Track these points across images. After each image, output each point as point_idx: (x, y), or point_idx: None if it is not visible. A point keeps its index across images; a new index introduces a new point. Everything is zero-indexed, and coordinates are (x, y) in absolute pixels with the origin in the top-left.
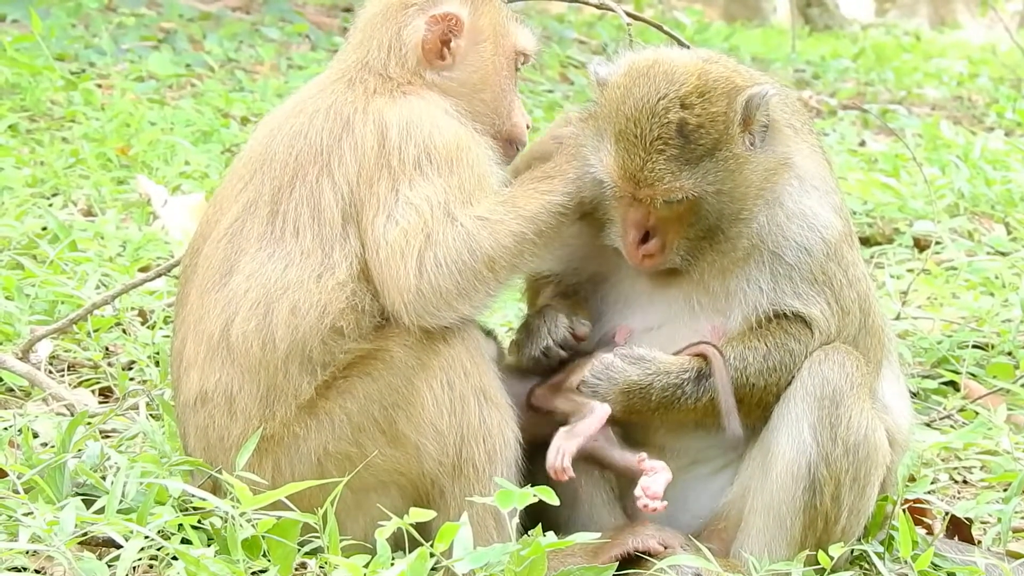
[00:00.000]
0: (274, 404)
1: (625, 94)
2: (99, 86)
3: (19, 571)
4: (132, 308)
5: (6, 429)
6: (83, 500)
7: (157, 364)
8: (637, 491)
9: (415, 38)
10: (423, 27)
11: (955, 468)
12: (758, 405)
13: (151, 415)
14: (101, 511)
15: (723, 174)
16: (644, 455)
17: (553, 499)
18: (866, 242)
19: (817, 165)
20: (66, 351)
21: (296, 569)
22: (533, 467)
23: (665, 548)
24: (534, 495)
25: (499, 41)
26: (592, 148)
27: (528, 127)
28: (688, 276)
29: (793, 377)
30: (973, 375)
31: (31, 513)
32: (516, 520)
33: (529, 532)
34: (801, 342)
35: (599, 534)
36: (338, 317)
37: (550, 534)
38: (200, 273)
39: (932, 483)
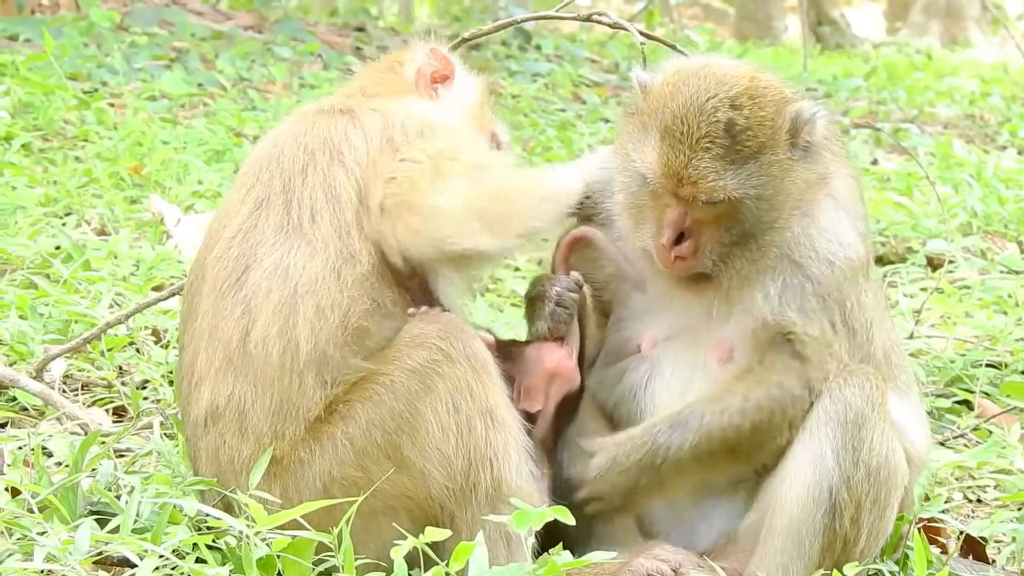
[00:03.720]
0: (285, 420)
1: (674, 92)
2: (112, 105)
3: None
4: (146, 327)
5: (20, 448)
6: (97, 519)
7: (171, 383)
8: None
9: (412, 63)
10: (422, 56)
11: (969, 487)
12: (758, 445)
13: (165, 434)
14: (116, 530)
15: (765, 179)
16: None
17: (569, 519)
18: (879, 261)
19: (850, 190)
20: (80, 370)
21: None
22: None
23: (678, 570)
24: (550, 515)
25: (481, 110)
26: (634, 144)
27: None
28: (711, 283)
29: (811, 405)
30: (987, 394)
31: (46, 532)
32: (532, 540)
33: (550, 551)
34: (791, 373)
35: (615, 553)
36: (362, 317)
37: (566, 553)
38: (211, 278)
39: (946, 502)
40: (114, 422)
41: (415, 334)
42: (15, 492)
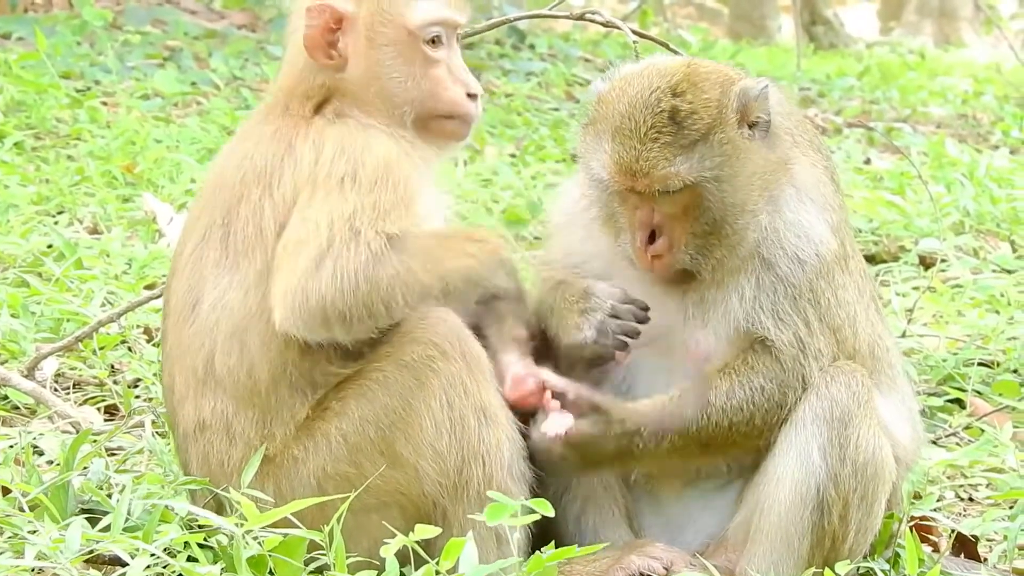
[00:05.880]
0: (272, 425)
1: (620, 94)
2: (104, 104)
3: None
4: (138, 326)
5: (12, 447)
6: (88, 518)
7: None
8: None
9: (302, 35)
10: (302, 23)
11: (961, 486)
12: (733, 443)
13: (157, 432)
14: (107, 529)
15: (719, 159)
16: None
17: (548, 510)
18: (872, 260)
19: (816, 179)
20: (72, 369)
21: None
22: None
23: (670, 568)
24: (526, 507)
25: (386, 25)
26: (592, 152)
27: (473, 95)
28: (688, 287)
29: (798, 401)
30: (979, 393)
31: (36, 531)
32: (517, 535)
33: (541, 549)
34: (771, 378)
35: (603, 546)
36: (308, 346)
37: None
38: (172, 306)
39: (938, 500)
40: (105, 420)
41: (409, 329)
42: (6, 491)
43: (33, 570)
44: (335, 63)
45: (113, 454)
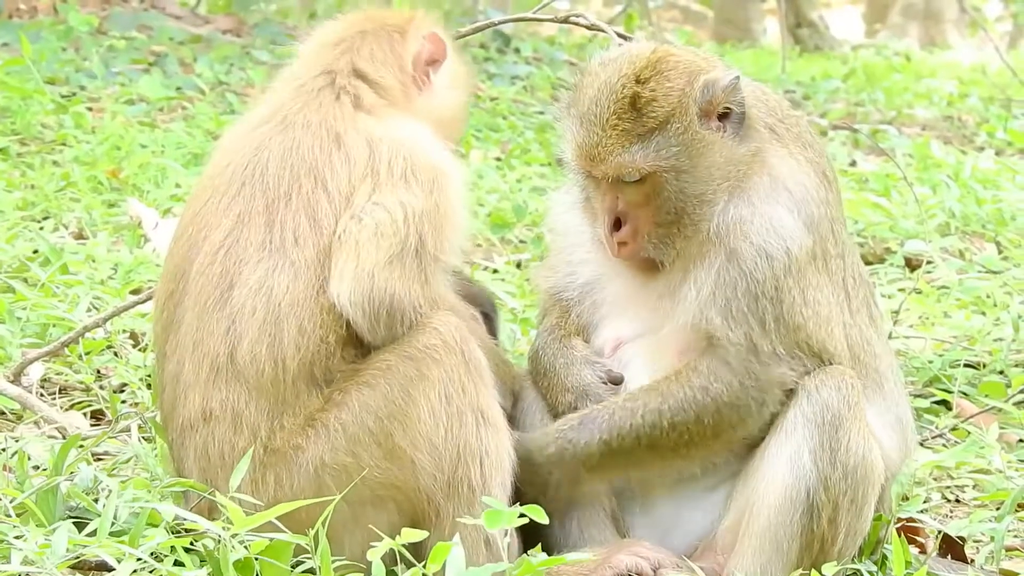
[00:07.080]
0: (283, 416)
1: (592, 80)
2: (90, 109)
3: None
4: (123, 331)
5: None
6: (75, 523)
7: (149, 387)
8: None
9: (412, 51)
10: (423, 40)
11: (947, 487)
12: (689, 444)
13: (143, 437)
14: (93, 534)
15: (677, 149)
16: None
17: (543, 518)
18: None
19: (796, 172)
20: (57, 374)
21: None
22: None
23: (658, 569)
24: (522, 514)
25: (465, 83)
26: (564, 137)
27: None
28: (666, 277)
29: (790, 403)
30: (965, 394)
31: (23, 536)
32: (508, 539)
33: (529, 552)
34: (717, 379)
35: (591, 552)
36: (342, 339)
37: (543, 554)
38: (195, 291)
39: (925, 502)
40: (92, 426)
41: (417, 323)
42: None
43: (19, 575)
44: (423, 86)
45: (100, 459)
